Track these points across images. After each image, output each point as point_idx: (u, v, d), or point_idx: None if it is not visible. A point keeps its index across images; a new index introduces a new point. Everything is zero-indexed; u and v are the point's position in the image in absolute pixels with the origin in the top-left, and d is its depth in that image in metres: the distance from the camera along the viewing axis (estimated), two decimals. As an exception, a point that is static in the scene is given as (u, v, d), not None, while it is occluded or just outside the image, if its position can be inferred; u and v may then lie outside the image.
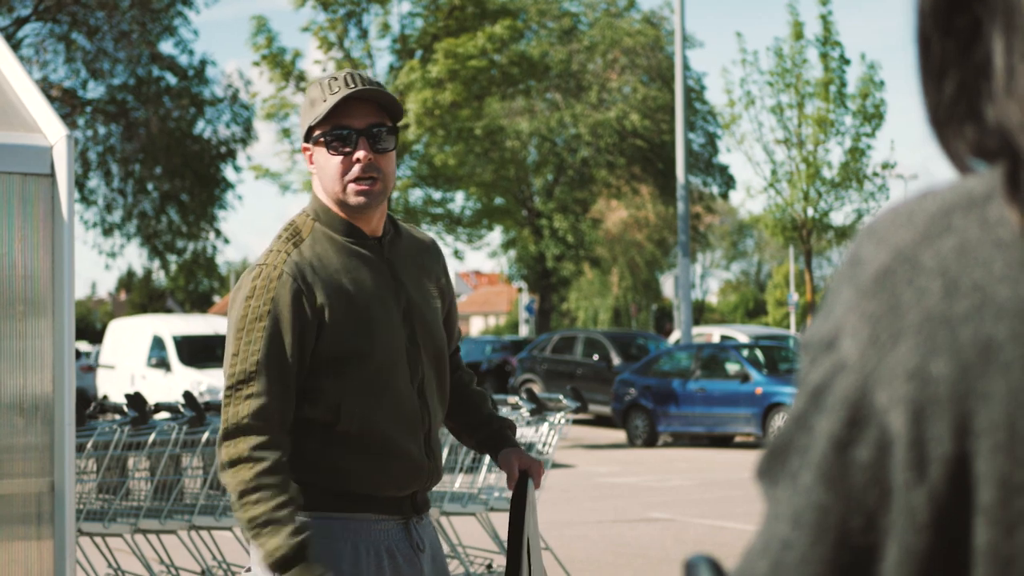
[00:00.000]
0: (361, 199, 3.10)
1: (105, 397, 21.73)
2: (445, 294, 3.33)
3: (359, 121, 3.12)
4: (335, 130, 3.11)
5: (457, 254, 34.88)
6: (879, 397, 0.80)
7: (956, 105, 0.85)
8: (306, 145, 3.19)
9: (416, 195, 33.42)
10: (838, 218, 29.69)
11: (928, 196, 0.84)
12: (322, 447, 3.04)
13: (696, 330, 29.03)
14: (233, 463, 2.95)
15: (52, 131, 4.13)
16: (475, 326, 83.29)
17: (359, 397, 3.05)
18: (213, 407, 7.95)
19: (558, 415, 8.41)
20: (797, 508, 0.82)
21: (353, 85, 3.13)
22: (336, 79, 3.14)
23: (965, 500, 0.78)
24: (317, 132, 3.14)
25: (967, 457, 0.78)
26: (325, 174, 3.14)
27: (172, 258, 34.90)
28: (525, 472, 3.27)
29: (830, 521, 0.81)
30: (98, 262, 78.15)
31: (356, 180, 3.10)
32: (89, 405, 7.91)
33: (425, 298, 3.23)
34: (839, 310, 0.84)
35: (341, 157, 3.11)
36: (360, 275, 3.11)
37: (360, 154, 3.10)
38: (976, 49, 0.83)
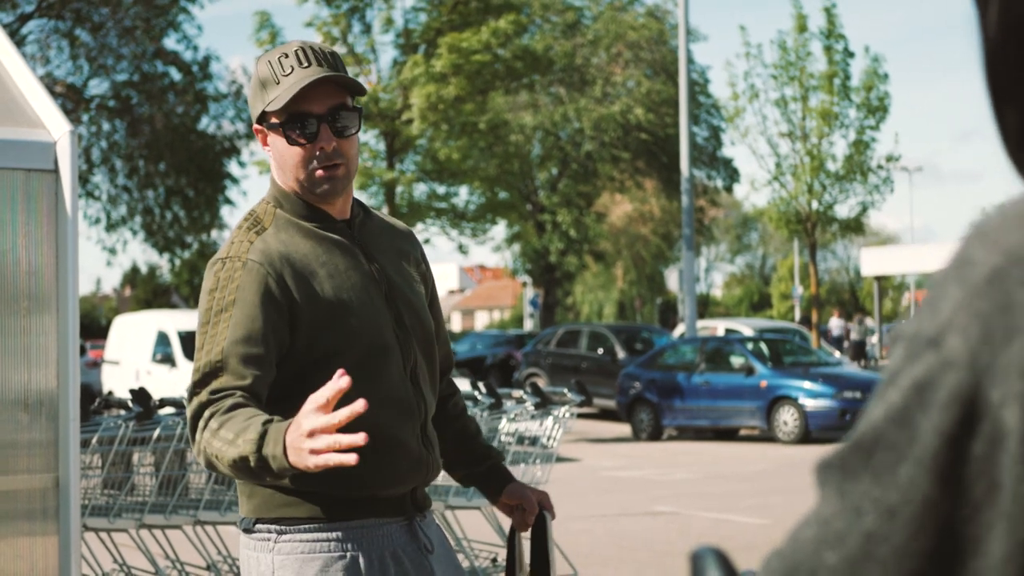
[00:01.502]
0: (325, 187, 2.85)
1: (110, 392, 21.76)
2: (427, 280, 3.10)
3: (319, 105, 2.82)
4: (293, 119, 2.82)
5: (461, 248, 34.87)
6: (993, 394, 0.81)
7: None
8: (259, 127, 2.90)
9: (420, 190, 33.42)
10: (842, 211, 29.74)
11: None
12: None
13: (701, 323, 29.03)
14: (193, 432, 2.68)
15: (56, 127, 4.13)
16: (480, 320, 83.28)
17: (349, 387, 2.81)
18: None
19: (563, 409, 8.41)
20: (892, 502, 0.84)
21: (307, 63, 2.82)
22: (287, 56, 2.83)
23: None
24: (273, 119, 2.85)
25: None
26: (285, 163, 2.87)
27: (178, 251, 35.02)
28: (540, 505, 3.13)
29: (935, 514, 0.83)
30: (102, 258, 78.26)
31: (320, 168, 2.84)
32: (94, 400, 7.91)
33: (407, 281, 2.99)
34: (947, 308, 0.84)
35: (302, 147, 2.84)
36: (333, 260, 2.86)
37: (323, 140, 2.82)
38: None
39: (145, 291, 61.29)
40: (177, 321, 22.60)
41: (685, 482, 14.97)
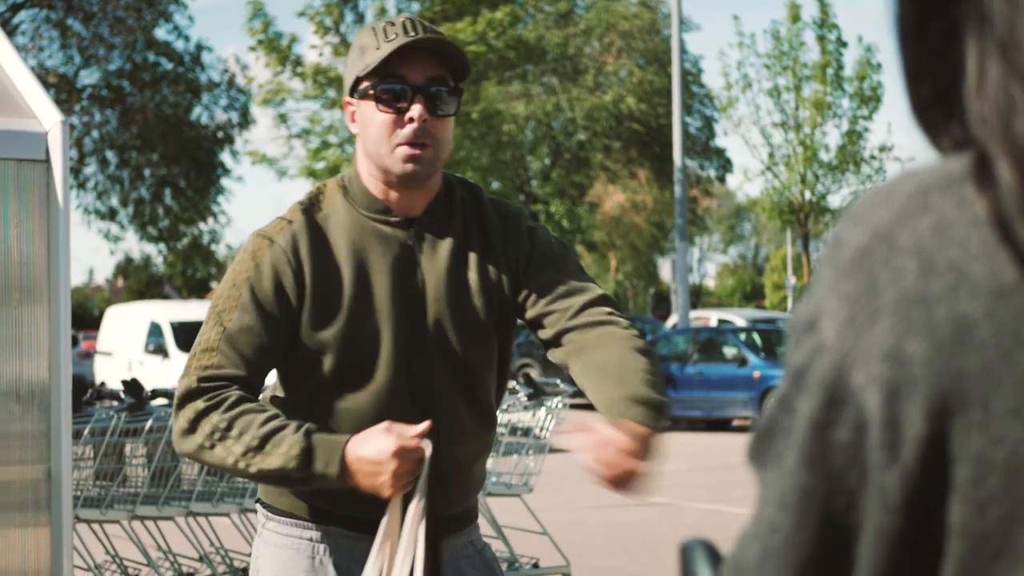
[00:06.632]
0: (409, 167, 2.61)
1: (102, 384, 21.73)
2: (516, 267, 2.73)
3: (417, 75, 2.63)
4: (386, 82, 2.63)
5: (454, 239, 34.86)
6: (855, 378, 0.80)
7: (935, 106, 0.85)
8: (349, 99, 2.71)
9: (413, 180, 33.43)
10: (835, 201, 29.76)
11: (907, 177, 0.84)
12: None
13: (693, 314, 29.04)
14: (192, 423, 2.55)
15: (47, 117, 4.12)
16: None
17: (329, 399, 2.64)
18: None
19: (555, 400, 8.41)
20: (783, 490, 0.83)
21: (413, 33, 2.62)
22: (393, 24, 2.64)
23: (938, 479, 0.78)
24: (365, 84, 2.66)
25: (942, 436, 0.78)
26: (369, 133, 2.65)
27: (170, 242, 35.02)
28: None
29: (812, 503, 0.81)
30: (97, 248, 78.20)
31: (406, 143, 2.62)
32: (86, 391, 7.90)
33: (460, 292, 2.68)
34: (820, 291, 0.84)
35: (391, 115, 2.62)
36: (371, 259, 2.64)
37: (415, 111, 2.61)
38: (951, 52, 0.83)
39: (138, 282, 61.20)
40: (170, 312, 22.57)
41: (678, 473, 14.99)
